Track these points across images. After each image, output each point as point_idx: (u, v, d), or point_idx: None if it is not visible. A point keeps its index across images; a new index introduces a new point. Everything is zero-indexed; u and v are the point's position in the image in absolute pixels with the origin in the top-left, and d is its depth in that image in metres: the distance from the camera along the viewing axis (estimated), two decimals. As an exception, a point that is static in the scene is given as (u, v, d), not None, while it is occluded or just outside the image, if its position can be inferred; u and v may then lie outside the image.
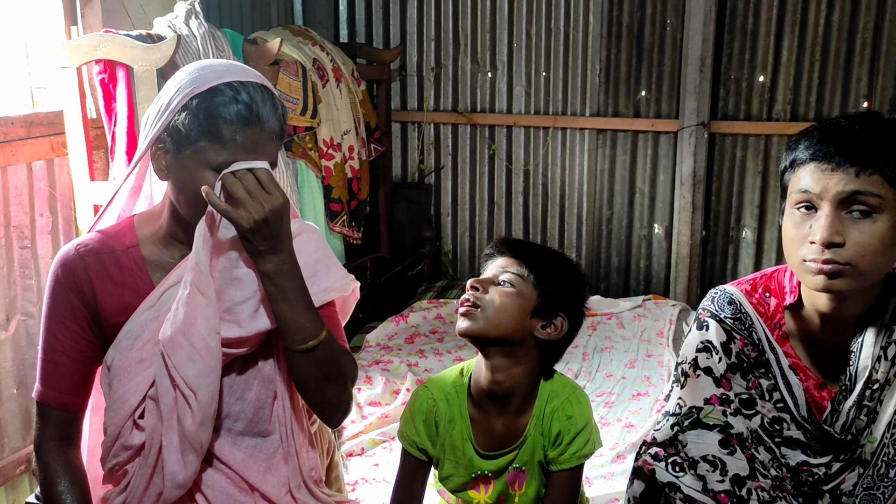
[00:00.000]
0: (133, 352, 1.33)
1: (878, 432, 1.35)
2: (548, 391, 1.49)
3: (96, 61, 2.37)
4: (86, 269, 1.35)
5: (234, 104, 1.24)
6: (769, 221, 3.83)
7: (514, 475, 1.51)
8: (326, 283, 1.42)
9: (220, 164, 1.25)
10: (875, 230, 1.23)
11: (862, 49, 3.54)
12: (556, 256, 1.50)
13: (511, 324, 1.41)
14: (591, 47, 3.95)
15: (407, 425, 1.53)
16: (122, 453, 1.35)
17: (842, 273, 1.24)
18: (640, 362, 3.14)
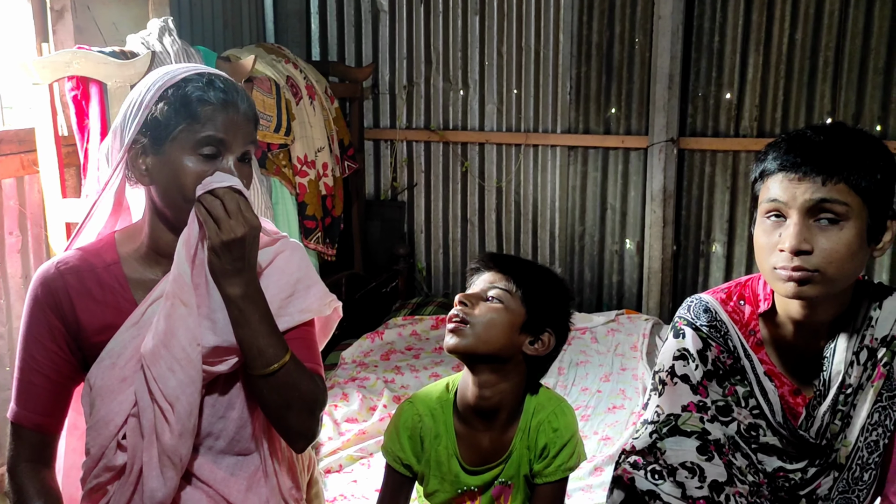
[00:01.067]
0: (116, 370, 1.31)
1: (853, 436, 1.38)
2: (533, 404, 1.49)
3: (68, 78, 2.35)
4: (66, 287, 1.32)
5: (210, 88, 1.27)
6: (738, 235, 3.90)
7: (500, 490, 1.50)
8: (303, 304, 1.41)
9: (200, 140, 1.25)
10: (842, 237, 1.26)
11: (825, 66, 3.64)
12: (542, 271, 1.50)
13: (500, 340, 1.41)
14: (561, 65, 4.01)
15: (392, 441, 1.52)
16: (104, 474, 1.32)
17: (811, 280, 1.26)
18: (614, 376, 3.17)
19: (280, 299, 1.38)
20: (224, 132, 1.27)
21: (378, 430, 2.64)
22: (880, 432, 1.37)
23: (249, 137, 1.32)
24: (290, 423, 1.32)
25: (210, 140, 1.26)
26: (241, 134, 1.29)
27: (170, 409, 1.27)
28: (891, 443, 1.38)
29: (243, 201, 1.25)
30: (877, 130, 3.60)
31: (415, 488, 1.56)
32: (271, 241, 1.43)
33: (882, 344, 1.37)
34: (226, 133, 1.27)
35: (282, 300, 1.38)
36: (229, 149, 1.28)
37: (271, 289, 1.37)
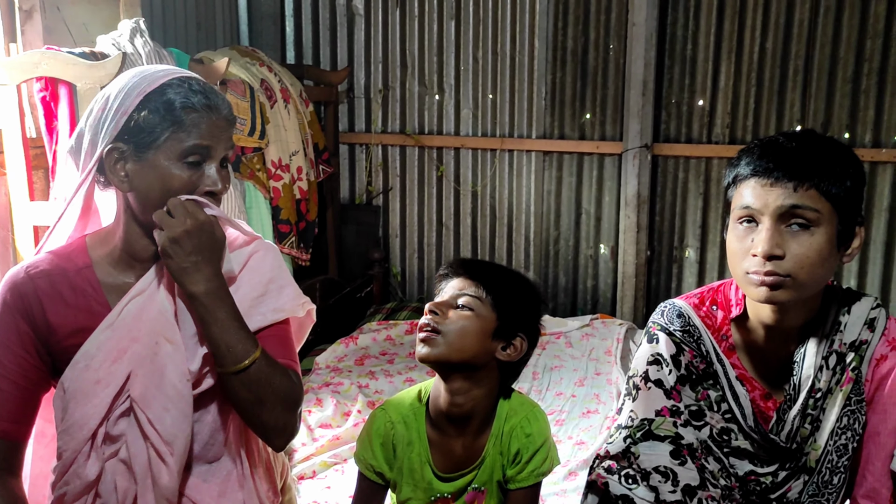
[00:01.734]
0: (90, 372, 1.29)
1: (822, 440, 1.39)
2: (506, 410, 1.48)
3: (37, 79, 2.31)
4: (36, 291, 1.30)
5: (192, 94, 1.27)
6: (711, 241, 3.94)
7: (473, 495, 1.50)
8: (276, 304, 1.39)
9: (187, 149, 1.26)
10: (813, 243, 1.27)
11: (794, 75, 3.69)
12: (512, 276, 1.50)
13: (472, 348, 1.40)
14: (536, 71, 4.03)
15: (364, 448, 1.50)
16: (74, 481, 1.30)
17: (782, 284, 1.28)
18: (589, 380, 3.18)
19: (251, 298, 1.37)
20: (209, 139, 1.28)
21: (352, 436, 2.62)
22: (849, 436, 1.38)
23: (230, 142, 1.33)
24: (265, 420, 1.29)
25: (196, 149, 1.27)
26: (224, 139, 1.30)
27: (167, 449, 1.26)
28: (859, 446, 1.40)
29: (189, 203, 1.25)
30: (845, 138, 3.66)
31: (388, 495, 1.56)
32: (246, 241, 1.43)
33: (850, 349, 1.38)
34: (210, 139, 1.28)
35: (253, 299, 1.37)
36: (212, 155, 1.29)
37: (243, 288, 1.36)
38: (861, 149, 3.60)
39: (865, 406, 1.39)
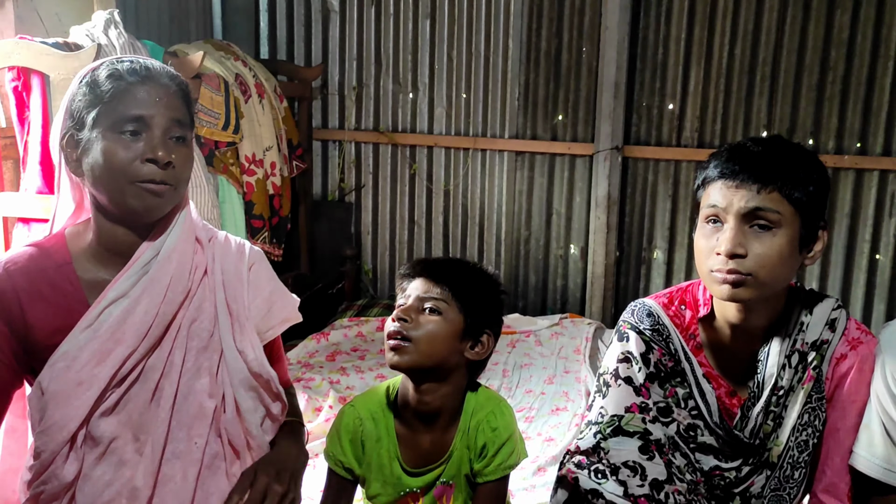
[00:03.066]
0: (71, 374, 1.27)
1: (784, 436, 1.44)
2: (472, 405, 1.50)
3: (9, 68, 2.29)
4: (15, 290, 1.28)
5: (120, 66, 1.28)
6: (679, 243, 4.01)
7: (442, 490, 1.52)
8: (284, 314, 1.46)
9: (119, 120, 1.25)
10: (774, 243, 1.33)
11: (762, 82, 3.77)
12: (473, 273, 1.50)
13: (442, 351, 1.42)
14: (510, 71, 4.06)
15: (333, 444, 1.52)
16: (52, 481, 1.29)
17: (744, 283, 1.33)
18: (558, 378, 3.22)
19: (261, 316, 1.43)
20: (143, 108, 1.26)
21: (323, 431, 2.63)
22: (810, 432, 1.43)
23: (176, 113, 1.30)
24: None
25: (127, 117, 1.25)
26: (164, 107, 1.28)
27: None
28: (820, 442, 1.44)
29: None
30: (809, 144, 3.75)
31: (358, 491, 1.57)
32: (238, 244, 1.48)
33: (812, 348, 1.43)
34: (145, 108, 1.26)
35: (263, 316, 1.43)
36: (151, 124, 1.27)
37: (253, 310, 1.42)
38: (824, 155, 3.69)
39: (825, 403, 1.44)
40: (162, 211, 1.31)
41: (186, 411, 1.35)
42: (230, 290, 1.40)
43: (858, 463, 1.39)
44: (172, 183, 1.29)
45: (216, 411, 1.37)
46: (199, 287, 1.38)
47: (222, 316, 1.38)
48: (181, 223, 1.36)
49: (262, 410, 1.41)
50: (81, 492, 1.29)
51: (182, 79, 1.35)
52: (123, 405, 1.31)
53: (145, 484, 1.31)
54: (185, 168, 1.31)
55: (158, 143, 1.27)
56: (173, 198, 1.31)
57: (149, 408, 1.33)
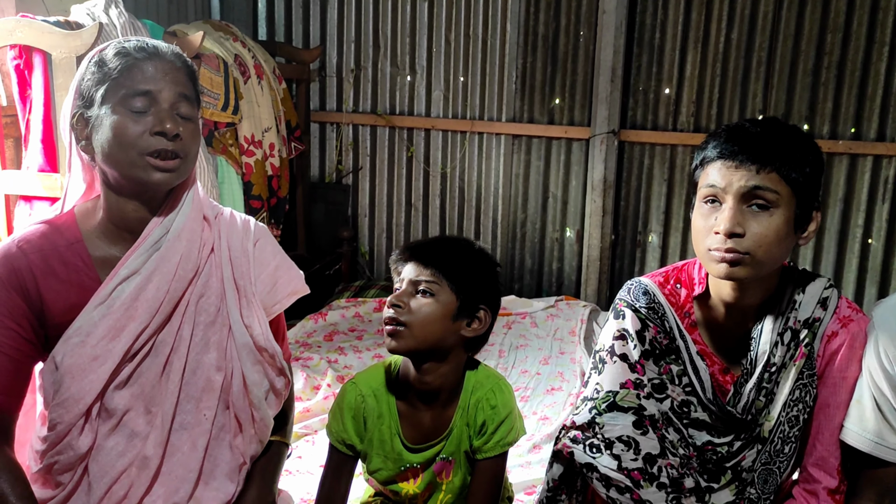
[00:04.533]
0: (86, 349, 1.30)
1: (775, 412, 1.47)
2: (472, 382, 1.54)
3: (11, 46, 2.29)
4: (30, 267, 1.31)
5: (128, 43, 1.31)
6: (674, 226, 4.04)
7: (442, 465, 1.55)
8: (290, 287, 1.49)
9: (127, 95, 1.27)
10: (772, 223, 1.35)
11: (758, 66, 3.79)
12: (463, 250, 1.52)
13: (437, 333, 1.44)
14: (507, 55, 4.07)
15: (335, 421, 1.54)
16: (67, 451, 1.32)
17: (741, 261, 1.35)
18: (553, 359, 3.26)
19: (267, 291, 1.45)
20: (150, 83, 1.28)
21: (322, 409, 2.67)
22: (801, 408, 1.46)
23: (182, 87, 1.32)
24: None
25: (134, 92, 1.28)
26: (170, 81, 1.30)
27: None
28: (810, 418, 1.48)
29: None
30: (804, 129, 3.77)
31: (359, 465, 1.60)
32: (244, 220, 1.49)
33: (804, 326, 1.46)
34: (152, 84, 1.28)
35: (268, 291, 1.46)
36: (158, 98, 1.29)
37: (259, 285, 1.45)
38: (819, 139, 3.69)
39: (816, 380, 1.47)
40: (171, 183, 1.33)
41: (195, 384, 1.38)
42: (237, 265, 1.43)
43: (849, 437, 1.42)
44: (181, 155, 1.31)
45: (224, 384, 1.40)
46: (206, 263, 1.40)
47: (229, 291, 1.41)
48: (190, 201, 1.38)
49: (266, 384, 1.44)
50: (95, 462, 1.32)
51: (187, 58, 1.37)
52: (136, 378, 1.34)
53: (155, 453, 1.35)
54: (193, 142, 1.33)
55: (166, 115, 1.29)
56: (182, 171, 1.33)
57: (159, 381, 1.36)
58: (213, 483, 1.40)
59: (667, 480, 1.45)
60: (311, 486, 2.18)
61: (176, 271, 1.35)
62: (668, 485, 1.45)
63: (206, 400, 1.39)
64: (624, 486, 1.44)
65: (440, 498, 1.58)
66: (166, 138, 1.28)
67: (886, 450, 1.39)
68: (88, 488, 1.32)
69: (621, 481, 1.43)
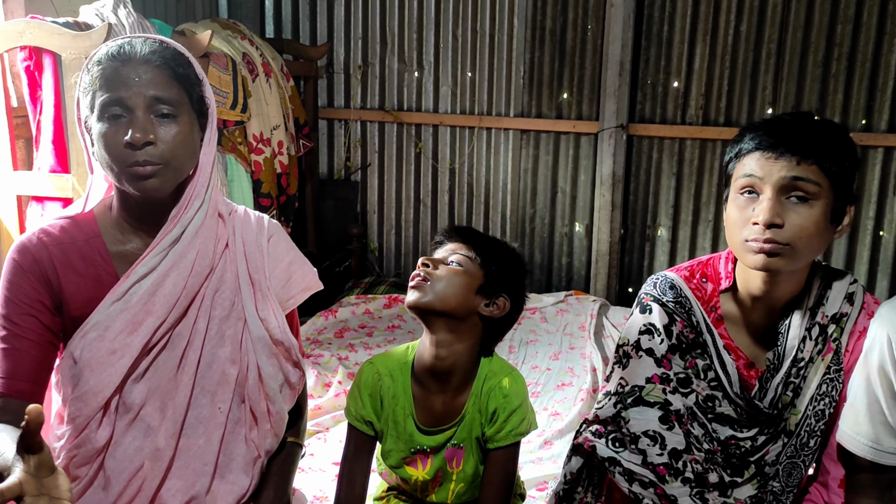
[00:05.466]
0: (105, 343, 1.31)
1: (802, 405, 1.47)
2: (486, 371, 1.55)
3: (21, 48, 2.30)
4: (51, 259, 1.32)
5: (110, 47, 1.28)
6: (683, 220, 4.03)
7: (453, 452, 1.56)
8: (303, 283, 1.50)
9: (101, 105, 1.26)
10: (812, 214, 1.34)
11: (767, 58, 3.77)
12: (500, 244, 1.59)
13: (457, 298, 1.47)
14: (515, 50, 4.06)
15: (354, 400, 1.57)
16: (85, 445, 1.33)
17: (780, 252, 1.34)
18: (563, 354, 3.26)
19: (281, 286, 1.46)
20: (120, 89, 1.26)
21: (333, 406, 2.68)
22: (827, 402, 1.46)
23: (156, 89, 1.27)
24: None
25: (108, 100, 1.26)
26: (143, 86, 1.26)
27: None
28: (836, 412, 1.47)
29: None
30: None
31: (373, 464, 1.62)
32: (258, 217, 1.49)
33: (832, 321, 1.46)
34: (121, 89, 1.26)
35: (282, 286, 1.47)
36: (131, 104, 1.26)
37: (273, 280, 1.45)
38: (829, 132, 3.69)
39: (843, 375, 1.46)
40: (161, 190, 1.30)
41: (210, 378, 1.39)
42: (251, 260, 1.44)
43: (844, 440, 1.40)
44: (160, 161, 1.27)
45: (239, 378, 1.41)
46: (221, 258, 1.41)
47: (244, 286, 1.42)
48: (207, 198, 1.37)
49: (280, 377, 1.45)
50: (112, 457, 1.33)
51: (173, 53, 1.31)
52: (152, 372, 1.35)
53: (167, 445, 1.36)
54: (173, 144, 1.28)
55: (136, 124, 1.26)
56: (170, 175, 1.30)
57: (175, 375, 1.37)
58: (228, 476, 1.41)
59: (691, 475, 1.45)
60: (324, 483, 2.19)
61: (193, 267, 1.36)
62: (692, 479, 1.45)
63: (221, 393, 1.40)
64: (648, 481, 1.44)
65: (452, 488, 1.59)
66: (134, 149, 1.26)
67: (883, 454, 1.36)
68: (105, 483, 1.33)
69: (645, 476, 1.44)
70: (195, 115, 1.34)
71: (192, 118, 1.33)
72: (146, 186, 1.27)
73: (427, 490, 1.60)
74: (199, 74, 1.36)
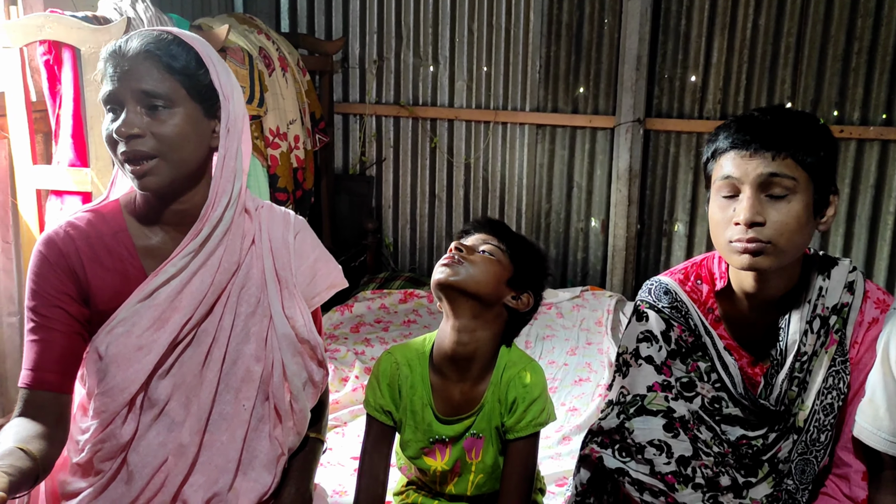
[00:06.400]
0: (132, 339, 1.31)
1: (809, 400, 1.45)
2: (505, 361, 1.55)
3: (40, 42, 2.31)
4: (78, 252, 1.32)
5: (108, 46, 1.29)
6: (700, 216, 4.00)
7: (471, 442, 1.56)
8: (328, 280, 1.50)
9: (101, 100, 1.28)
10: (791, 210, 1.34)
11: (786, 52, 3.74)
12: (527, 241, 1.60)
13: (489, 285, 1.48)
14: (531, 44, 4.04)
15: (372, 390, 1.58)
16: (110, 440, 1.33)
17: (763, 251, 1.34)
18: (580, 350, 3.24)
19: (306, 283, 1.46)
20: (113, 83, 1.27)
21: (351, 401, 2.68)
22: (835, 395, 1.45)
23: (145, 83, 1.25)
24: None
25: (105, 98, 1.28)
26: (131, 79, 1.25)
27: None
28: (844, 405, 1.46)
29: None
30: (834, 115, 3.72)
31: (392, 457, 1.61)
32: (284, 212, 1.49)
33: (833, 312, 1.45)
34: (113, 83, 1.26)
35: (308, 283, 1.47)
36: (121, 99, 1.27)
37: (299, 277, 1.45)
38: (849, 126, 3.66)
39: (850, 366, 1.45)
40: (160, 185, 1.29)
41: (234, 374, 1.39)
42: (278, 257, 1.43)
43: (863, 436, 1.39)
44: (153, 153, 1.27)
45: (263, 375, 1.40)
46: (247, 255, 1.41)
47: (270, 283, 1.42)
48: (235, 195, 1.36)
49: (304, 375, 1.44)
50: (136, 452, 1.34)
51: (168, 44, 1.29)
52: (178, 368, 1.36)
53: (192, 441, 1.36)
54: (168, 136, 1.27)
55: (124, 118, 1.26)
56: (168, 169, 1.29)
57: (200, 371, 1.37)
58: (251, 474, 1.41)
59: (702, 481, 1.43)
60: (343, 477, 2.19)
61: (220, 265, 1.36)
62: (703, 485, 1.43)
63: (245, 390, 1.40)
64: (658, 490, 1.42)
65: (471, 479, 1.59)
66: (119, 141, 1.26)
67: None
68: (128, 477, 1.34)
69: (655, 485, 1.42)
70: (200, 104, 1.31)
71: (195, 108, 1.31)
72: (146, 184, 1.28)
73: (446, 481, 1.60)
74: (205, 61, 1.32)
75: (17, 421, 1.25)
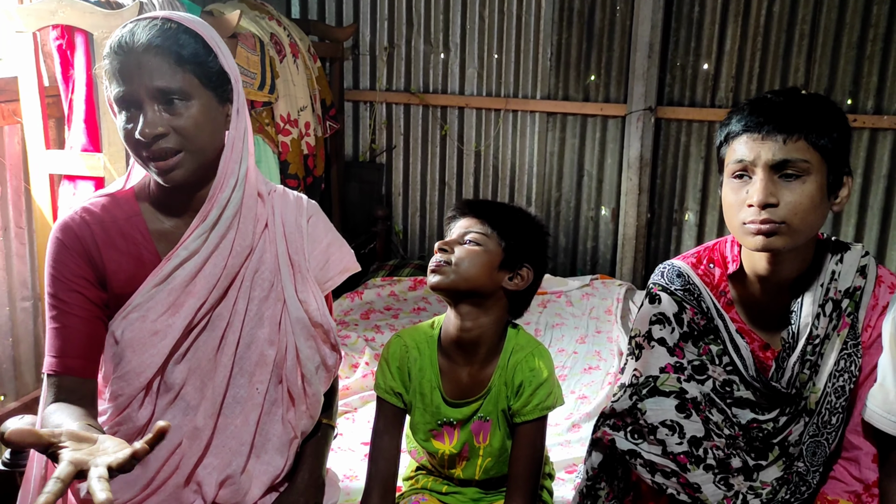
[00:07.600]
0: (147, 324, 1.32)
1: (821, 383, 1.46)
2: (512, 344, 1.56)
3: (53, 27, 2.31)
4: (93, 236, 1.33)
5: (116, 39, 1.25)
6: (711, 204, 3.98)
7: (479, 425, 1.57)
8: (341, 264, 1.50)
9: (114, 99, 1.26)
10: (805, 190, 1.34)
11: (800, 40, 3.71)
12: (515, 211, 1.57)
13: (480, 277, 1.47)
14: (542, 31, 4.02)
15: (382, 373, 1.58)
16: (126, 423, 1.35)
17: (777, 231, 1.34)
18: (590, 338, 3.24)
19: (319, 268, 1.47)
20: (126, 82, 1.23)
21: (361, 387, 2.69)
22: (846, 378, 1.45)
23: (159, 80, 1.23)
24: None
25: (117, 96, 1.25)
26: (146, 77, 1.22)
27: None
28: (856, 388, 1.46)
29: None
30: (847, 104, 3.69)
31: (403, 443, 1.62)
32: (297, 196, 1.49)
33: (845, 295, 1.46)
34: (127, 83, 1.23)
35: (321, 267, 1.47)
36: (137, 97, 1.24)
37: (312, 261, 1.46)
38: (863, 115, 3.63)
39: (861, 349, 1.45)
40: (185, 177, 1.29)
41: (248, 358, 1.40)
42: (291, 241, 1.44)
43: (874, 420, 1.40)
44: (178, 148, 1.27)
45: (277, 359, 1.41)
46: (260, 239, 1.42)
47: (284, 267, 1.42)
48: (241, 176, 1.36)
49: (317, 359, 1.45)
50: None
51: (175, 34, 1.26)
52: (193, 353, 1.37)
53: (206, 425, 1.37)
54: (190, 129, 1.26)
55: (145, 119, 1.24)
56: (192, 161, 1.29)
57: (215, 355, 1.38)
58: (264, 457, 1.42)
59: (713, 462, 1.44)
60: (353, 462, 2.20)
61: (232, 248, 1.36)
62: (714, 466, 1.44)
63: (258, 374, 1.40)
64: (670, 471, 1.43)
65: (479, 463, 1.60)
66: (146, 143, 1.25)
67: None
68: (143, 460, 1.34)
69: (667, 466, 1.43)
70: (213, 91, 1.31)
71: (209, 96, 1.30)
72: (172, 178, 1.28)
73: (454, 465, 1.61)
74: (212, 46, 1.31)
75: (57, 406, 1.23)
